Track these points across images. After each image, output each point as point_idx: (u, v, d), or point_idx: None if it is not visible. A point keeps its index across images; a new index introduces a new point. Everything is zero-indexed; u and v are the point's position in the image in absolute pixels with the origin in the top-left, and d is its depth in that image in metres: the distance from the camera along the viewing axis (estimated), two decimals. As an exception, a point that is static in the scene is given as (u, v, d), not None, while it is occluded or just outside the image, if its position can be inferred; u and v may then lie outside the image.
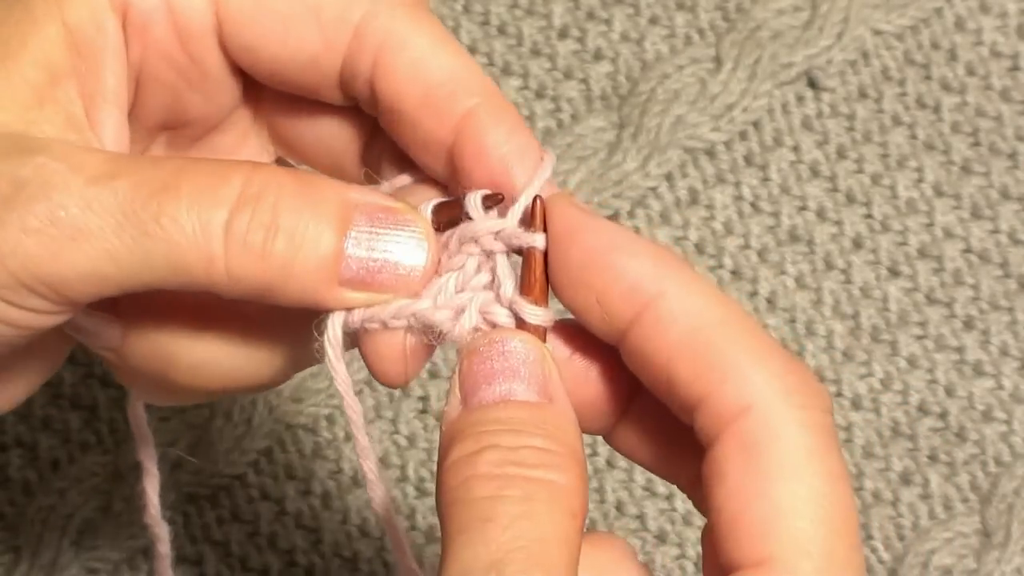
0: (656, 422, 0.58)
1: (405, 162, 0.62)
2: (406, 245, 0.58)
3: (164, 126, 0.63)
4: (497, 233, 0.58)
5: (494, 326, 0.58)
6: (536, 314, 0.57)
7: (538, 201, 0.58)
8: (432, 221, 0.59)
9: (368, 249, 0.57)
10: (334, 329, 0.58)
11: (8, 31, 0.58)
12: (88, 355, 0.93)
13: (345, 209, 0.57)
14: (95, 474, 0.91)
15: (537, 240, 0.58)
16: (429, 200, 0.59)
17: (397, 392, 0.94)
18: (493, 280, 0.58)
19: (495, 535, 0.51)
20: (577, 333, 0.59)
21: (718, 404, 0.53)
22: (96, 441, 0.92)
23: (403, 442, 0.93)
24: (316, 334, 0.59)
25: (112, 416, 0.92)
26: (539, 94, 0.98)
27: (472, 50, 0.98)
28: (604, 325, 0.56)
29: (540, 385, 0.55)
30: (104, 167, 0.56)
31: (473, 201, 0.58)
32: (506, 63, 0.98)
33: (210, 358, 0.61)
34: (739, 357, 0.54)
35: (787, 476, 0.52)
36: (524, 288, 0.58)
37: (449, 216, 0.59)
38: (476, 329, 0.58)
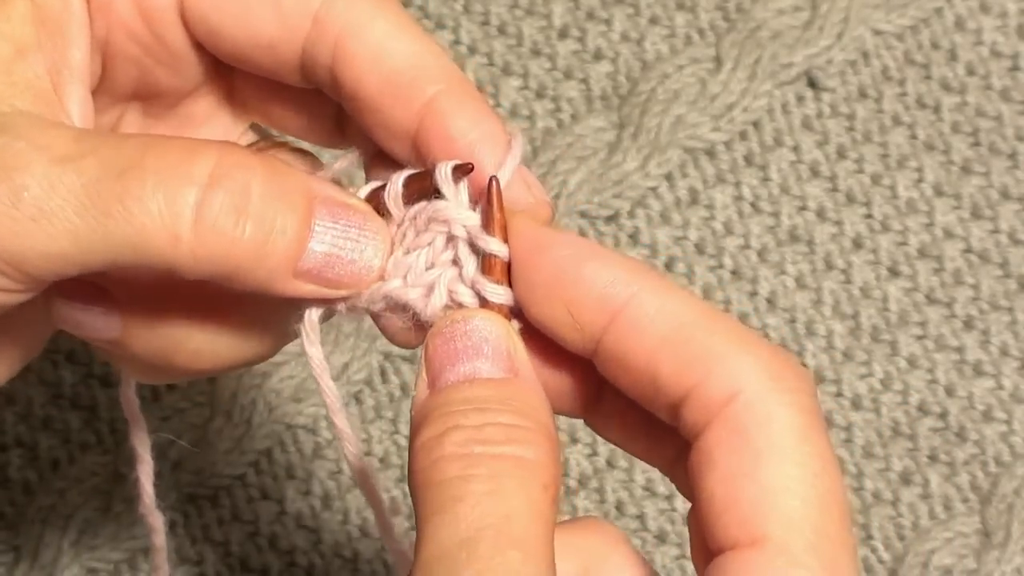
0: (632, 406, 0.58)
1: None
2: (362, 243, 0.58)
3: (136, 96, 0.63)
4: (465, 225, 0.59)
5: (461, 306, 0.58)
6: (498, 293, 0.58)
7: (494, 183, 0.58)
8: (402, 193, 0.59)
9: (328, 244, 0.57)
10: (310, 318, 0.59)
11: None
12: (88, 355, 0.93)
13: (309, 201, 0.57)
14: (95, 474, 0.91)
15: (498, 249, 0.58)
16: (399, 172, 0.60)
17: (397, 392, 0.94)
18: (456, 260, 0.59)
19: (464, 514, 0.51)
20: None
21: (706, 394, 0.54)
22: (96, 441, 0.92)
23: (403, 442, 0.93)
24: (294, 321, 0.60)
25: (112, 416, 0.92)
26: (539, 94, 0.98)
27: (472, 50, 0.98)
28: (576, 335, 0.56)
29: (505, 361, 0.55)
30: (69, 146, 0.55)
31: (443, 173, 0.58)
32: (506, 63, 0.98)
33: (211, 341, 0.62)
34: (723, 347, 0.54)
35: (778, 457, 0.52)
36: (485, 268, 0.58)
37: (419, 188, 0.59)
38: (447, 307, 0.58)
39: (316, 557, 0.91)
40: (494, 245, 0.58)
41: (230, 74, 0.64)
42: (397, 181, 0.59)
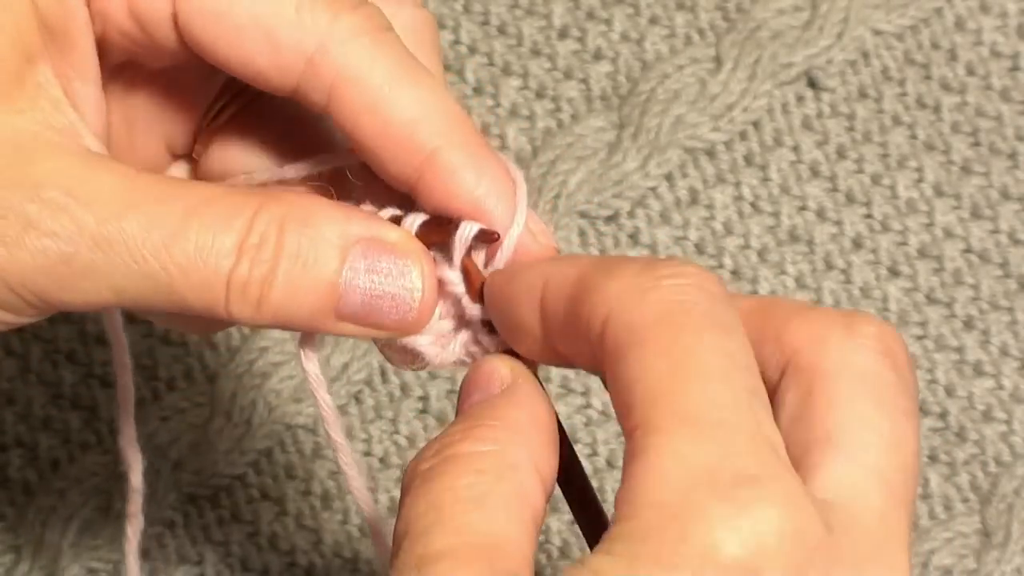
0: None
1: None
2: (407, 289, 0.58)
3: (119, 70, 0.63)
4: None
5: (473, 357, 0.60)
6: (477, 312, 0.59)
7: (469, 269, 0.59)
8: (418, 234, 0.59)
9: (364, 288, 0.58)
10: (306, 335, 0.61)
11: None
12: (88, 355, 0.93)
13: (344, 245, 0.57)
14: (95, 474, 0.91)
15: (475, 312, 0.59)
16: (415, 214, 0.59)
17: (397, 392, 0.94)
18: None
19: (434, 489, 0.52)
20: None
21: (591, 331, 0.53)
22: (96, 441, 0.92)
23: (403, 442, 0.93)
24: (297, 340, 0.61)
25: (112, 416, 0.92)
26: (539, 94, 0.98)
27: (472, 50, 0.98)
28: (541, 348, 0.57)
29: (496, 384, 0.57)
30: (114, 203, 0.56)
31: (465, 234, 0.58)
32: (506, 63, 0.98)
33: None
34: (597, 281, 0.54)
35: (629, 352, 0.51)
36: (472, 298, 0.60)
37: (438, 239, 0.59)
38: (460, 361, 0.60)
39: (316, 557, 0.91)
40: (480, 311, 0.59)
41: None
42: (414, 223, 0.59)
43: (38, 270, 0.56)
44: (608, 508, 0.57)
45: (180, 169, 0.66)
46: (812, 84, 0.98)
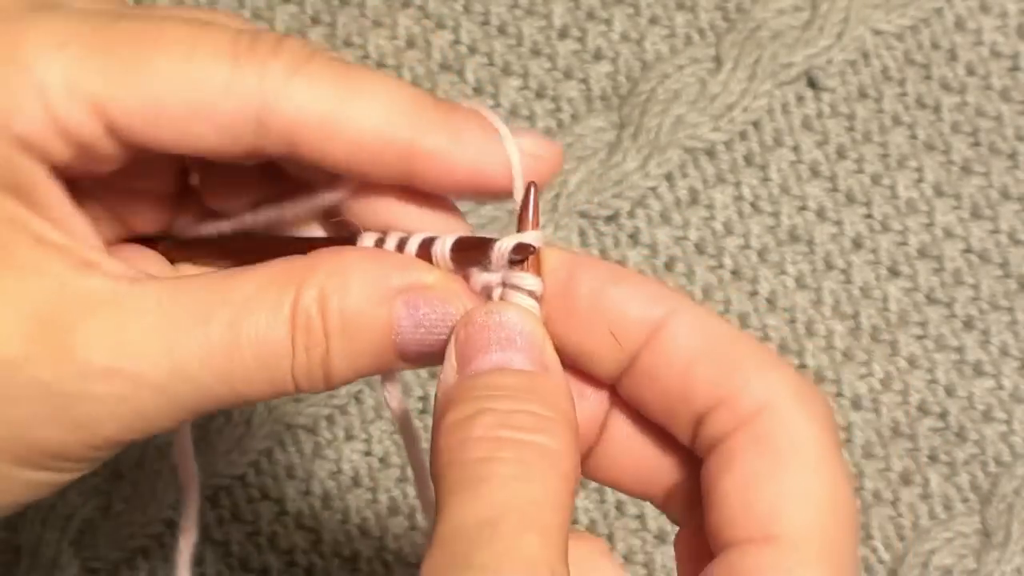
0: (630, 443, 0.60)
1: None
2: (447, 323, 0.58)
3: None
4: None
5: None
6: (530, 282, 0.58)
7: (530, 209, 0.59)
8: (451, 257, 0.59)
9: (414, 339, 0.58)
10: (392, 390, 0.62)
11: None
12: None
13: (386, 298, 0.58)
14: (95, 474, 0.91)
15: (534, 285, 0.58)
16: (444, 235, 0.59)
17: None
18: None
19: (489, 494, 0.52)
20: None
21: (737, 404, 0.56)
22: (96, 441, 0.92)
23: (403, 442, 0.93)
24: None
25: (112, 416, 0.92)
26: (539, 94, 0.98)
27: (472, 50, 0.98)
28: (615, 355, 0.58)
29: (535, 355, 0.56)
30: (159, 348, 0.56)
31: (502, 254, 0.58)
32: (506, 63, 0.98)
33: None
34: (758, 362, 0.57)
35: (799, 465, 0.55)
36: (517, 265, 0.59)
37: (471, 257, 0.59)
38: None
39: (316, 557, 0.91)
40: (526, 280, 0.58)
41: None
42: (444, 245, 0.59)
43: (111, 418, 0.57)
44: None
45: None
46: (812, 84, 0.98)
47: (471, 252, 0.59)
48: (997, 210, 0.97)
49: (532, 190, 0.58)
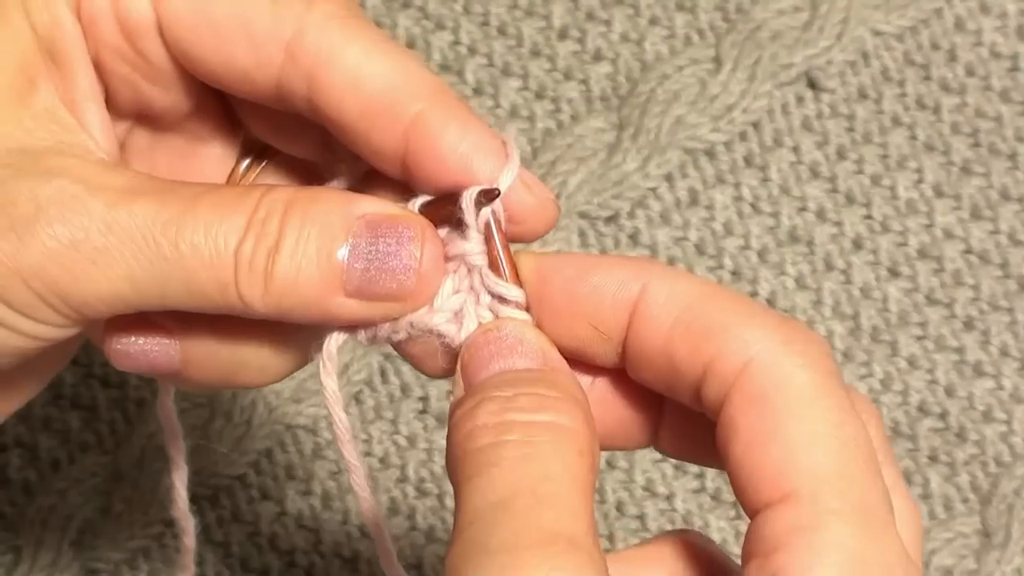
0: (692, 417, 0.59)
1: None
2: (406, 256, 0.58)
3: (138, 115, 0.63)
4: (482, 265, 0.59)
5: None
6: (513, 293, 0.58)
7: (491, 223, 0.59)
8: (421, 211, 0.59)
9: (367, 261, 0.57)
10: (328, 347, 0.60)
11: None
12: (88, 355, 0.93)
13: (348, 220, 0.57)
14: (95, 474, 0.91)
15: (516, 295, 0.58)
16: (414, 198, 0.59)
17: (397, 393, 0.94)
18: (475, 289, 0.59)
19: (498, 476, 0.52)
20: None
21: (720, 367, 0.55)
22: (96, 441, 0.92)
23: (403, 442, 0.93)
24: (313, 351, 0.60)
25: (112, 416, 0.92)
26: (539, 95, 0.98)
27: (472, 51, 0.98)
28: (604, 345, 0.57)
29: (538, 357, 0.57)
30: (123, 189, 0.56)
31: (468, 198, 0.58)
32: (506, 64, 0.98)
33: (277, 355, 0.62)
34: (732, 318, 0.55)
35: (796, 414, 0.53)
36: (498, 276, 0.59)
37: (441, 214, 0.59)
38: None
39: (316, 557, 0.91)
40: (510, 292, 0.58)
41: (222, 94, 0.64)
42: (413, 205, 0.59)
43: (49, 258, 0.55)
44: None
45: None
46: (812, 85, 0.98)
47: (442, 205, 0.59)
48: (997, 211, 0.97)
49: (492, 224, 0.58)
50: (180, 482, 0.70)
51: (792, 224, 0.97)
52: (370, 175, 0.62)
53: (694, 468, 0.93)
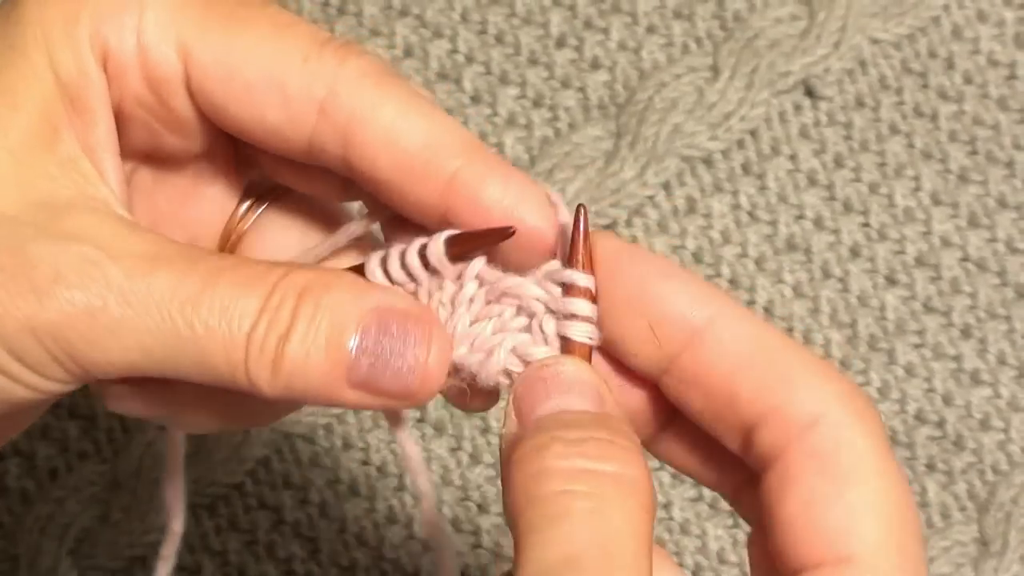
0: (701, 432, 0.59)
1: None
2: (411, 357, 0.58)
3: (146, 156, 0.63)
4: (542, 280, 0.59)
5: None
6: (585, 332, 0.58)
7: (584, 245, 0.58)
8: (446, 252, 0.59)
9: (374, 357, 0.58)
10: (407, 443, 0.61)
11: (3, 83, 0.58)
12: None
13: (358, 314, 0.58)
14: (93, 483, 0.91)
15: (585, 280, 0.58)
16: (439, 233, 0.59)
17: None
18: (530, 323, 0.59)
19: (568, 532, 0.52)
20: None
21: (787, 416, 0.55)
22: (94, 450, 0.92)
23: (400, 451, 0.93)
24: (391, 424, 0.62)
25: (110, 425, 0.92)
26: (536, 103, 0.98)
27: (469, 59, 0.99)
28: (653, 352, 0.57)
29: (595, 398, 0.56)
30: (144, 257, 0.57)
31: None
32: (503, 72, 0.98)
33: (270, 407, 0.63)
34: (805, 372, 0.56)
35: (861, 480, 0.54)
36: (570, 305, 0.59)
37: (463, 250, 0.59)
38: (506, 371, 0.59)
39: (313, 566, 0.91)
40: (581, 279, 0.58)
41: (239, 141, 0.64)
42: (439, 240, 0.59)
43: (65, 321, 0.56)
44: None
45: None
46: (809, 93, 0.98)
47: (466, 244, 0.59)
48: (994, 219, 0.97)
49: (583, 213, 0.58)
50: (176, 467, 0.70)
51: (790, 232, 0.97)
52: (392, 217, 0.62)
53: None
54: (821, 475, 0.54)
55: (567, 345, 0.58)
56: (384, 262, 0.60)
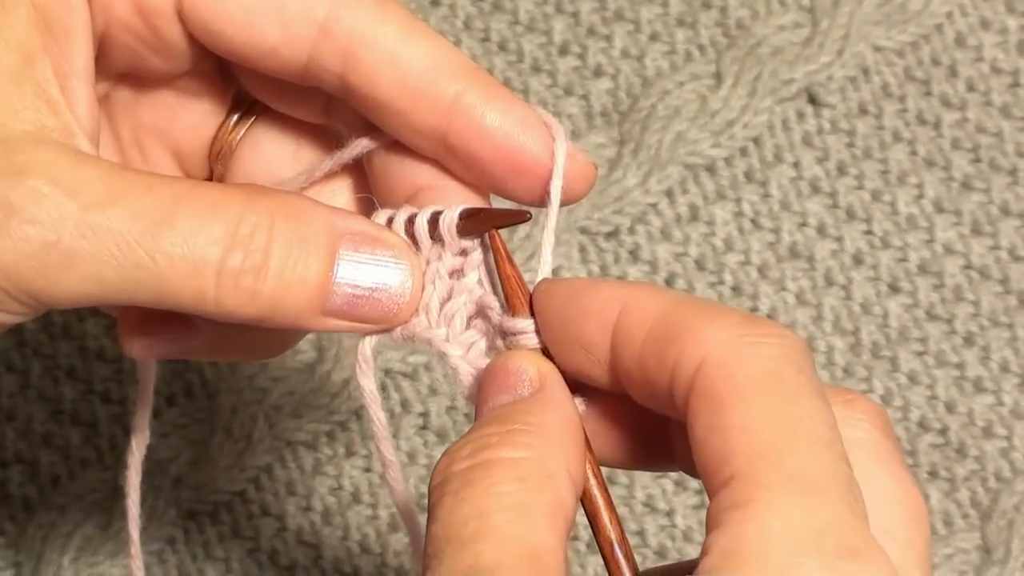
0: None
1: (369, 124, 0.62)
2: (390, 276, 0.58)
3: (126, 76, 0.63)
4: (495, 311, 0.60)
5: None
6: (519, 326, 0.59)
7: (519, 293, 0.59)
8: (457, 226, 0.59)
9: (352, 280, 0.58)
10: (363, 350, 0.61)
11: None
12: (88, 371, 0.93)
13: (333, 240, 0.58)
14: (95, 490, 0.91)
15: (525, 325, 0.59)
16: (453, 206, 0.60)
17: (398, 408, 0.94)
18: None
19: (433, 530, 0.52)
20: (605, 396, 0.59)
21: (681, 370, 0.53)
22: (96, 457, 0.92)
23: (403, 458, 0.93)
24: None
25: (112, 432, 0.92)
26: (540, 110, 0.98)
27: (473, 66, 0.99)
28: (600, 368, 0.57)
29: (535, 387, 0.57)
30: (99, 193, 0.56)
31: (469, 237, 0.59)
32: (507, 79, 0.98)
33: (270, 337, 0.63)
34: (693, 323, 0.54)
35: (738, 401, 0.51)
36: (511, 310, 0.60)
37: (476, 227, 0.59)
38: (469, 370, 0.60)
39: (316, 573, 0.91)
40: (520, 324, 0.59)
41: (223, 60, 0.64)
42: (453, 213, 0.59)
43: (21, 258, 0.55)
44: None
45: None
46: (812, 100, 0.98)
47: (477, 220, 0.59)
48: (997, 226, 0.97)
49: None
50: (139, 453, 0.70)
51: (792, 240, 0.97)
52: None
53: (694, 484, 0.93)
54: (705, 411, 0.52)
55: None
56: (389, 222, 0.60)
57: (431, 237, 0.60)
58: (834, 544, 0.49)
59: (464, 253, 0.60)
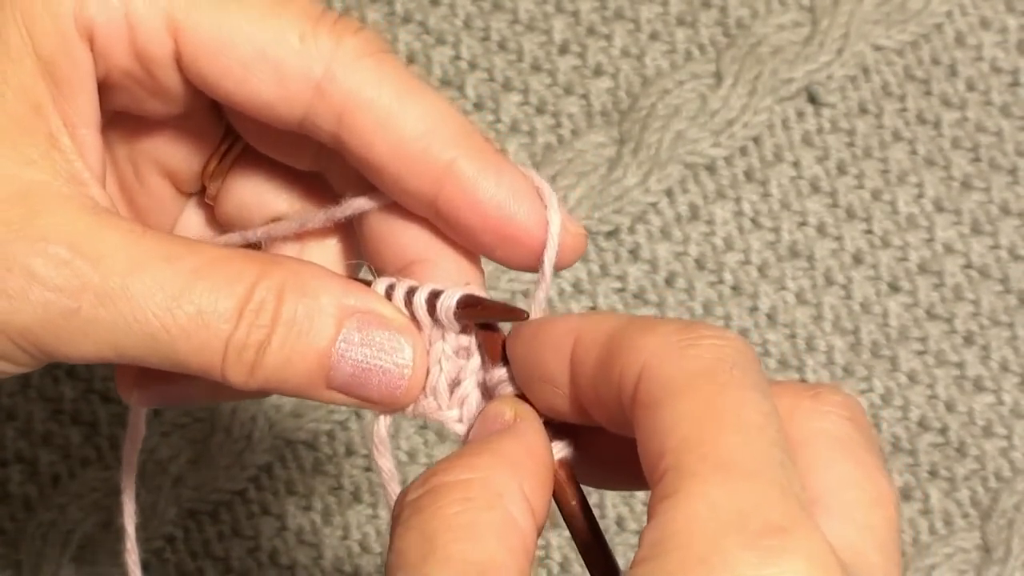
0: None
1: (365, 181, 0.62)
2: (393, 356, 0.59)
3: (124, 112, 0.63)
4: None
5: None
6: (495, 376, 0.60)
7: (493, 346, 0.60)
8: (455, 314, 0.59)
9: (356, 360, 0.58)
10: (379, 432, 0.61)
11: None
12: (88, 370, 0.93)
13: (340, 316, 0.58)
14: (95, 489, 0.91)
15: (502, 374, 0.59)
16: (452, 289, 0.60)
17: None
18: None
19: (389, 562, 0.53)
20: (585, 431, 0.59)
21: (625, 386, 0.53)
22: (96, 456, 0.92)
23: (404, 457, 0.93)
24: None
25: (113, 432, 0.92)
26: (539, 110, 0.98)
27: (472, 66, 0.99)
28: (565, 401, 0.57)
29: (497, 424, 0.57)
30: (120, 263, 0.57)
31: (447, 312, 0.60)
32: (506, 79, 0.98)
33: None
34: (632, 337, 0.53)
35: (669, 401, 0.51)
36: (490, 361, 0.60)
37: (473, 316, 0.60)
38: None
39: (317, 573, 0.91)
40: (498, 373, 0.59)
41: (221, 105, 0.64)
42: (452, 298, 0.59)
43: (40, 324, 0.56)
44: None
45: (194, 211, 0.67)
46: (812, 99, 0.99)
47: (474, 309, 0.59)
48: (997, 225, 0.97)
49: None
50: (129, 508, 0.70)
51: (792, 239, 0.97)
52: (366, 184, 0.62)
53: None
54: (642, 422, 0.52)
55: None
56: (389, 294, 0.60)
57: (430, 315, 0.60)
58: (759, 523, 0.48)
59: (467, 331, 0.60)
